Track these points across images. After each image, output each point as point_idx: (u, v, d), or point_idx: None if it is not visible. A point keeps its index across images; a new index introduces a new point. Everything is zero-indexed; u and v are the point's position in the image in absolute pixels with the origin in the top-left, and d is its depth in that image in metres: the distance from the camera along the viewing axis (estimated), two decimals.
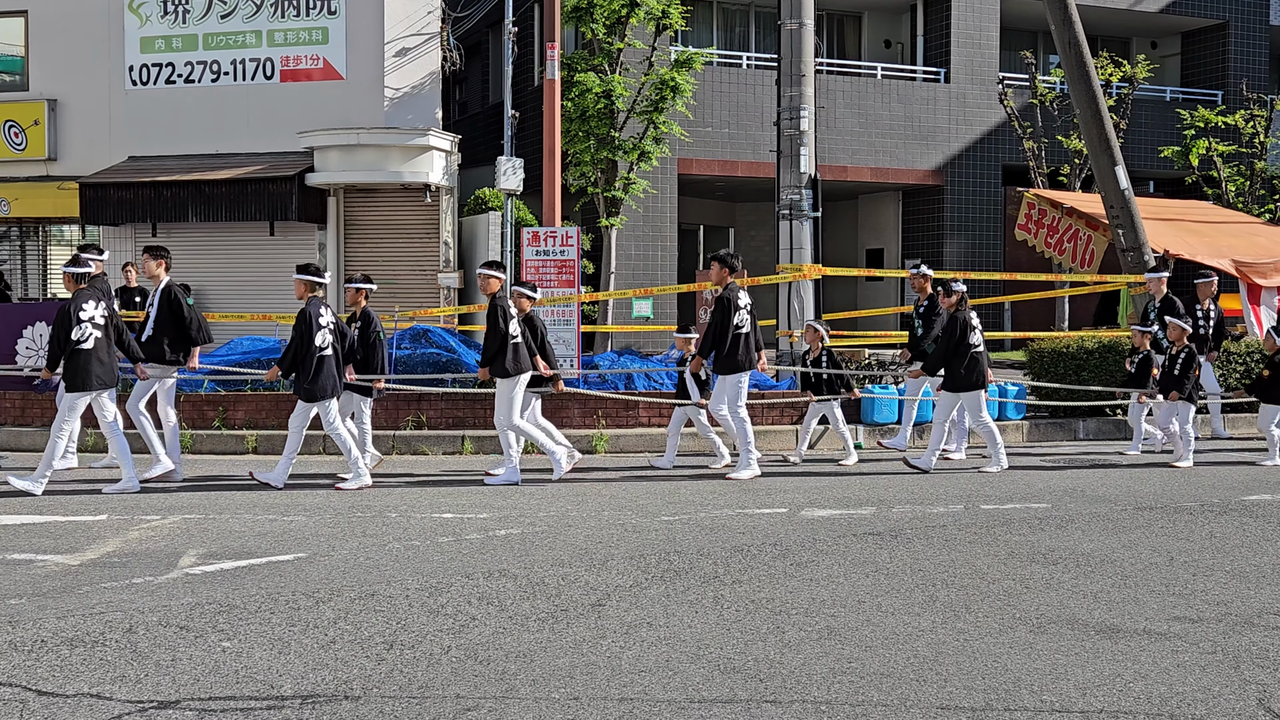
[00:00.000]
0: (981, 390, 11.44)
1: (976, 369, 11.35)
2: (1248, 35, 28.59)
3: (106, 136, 20.97)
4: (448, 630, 5.67)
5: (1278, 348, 12.44)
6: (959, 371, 11.36)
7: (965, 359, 11.32)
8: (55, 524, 8.49)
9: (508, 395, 10.52)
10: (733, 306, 10.85)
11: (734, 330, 10.82)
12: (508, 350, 10.45)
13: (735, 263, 11.15)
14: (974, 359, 11.34)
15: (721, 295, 10.96)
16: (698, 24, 25.51)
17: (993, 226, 26.30)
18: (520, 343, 10.57)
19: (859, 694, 4.81)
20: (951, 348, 11.39)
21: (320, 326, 10.27)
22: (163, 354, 10.77)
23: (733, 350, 10.84)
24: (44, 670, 5.05)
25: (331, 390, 10.28)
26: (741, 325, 10.85)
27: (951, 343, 11.39)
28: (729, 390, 10.92)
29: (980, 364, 11.38)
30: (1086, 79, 16.28)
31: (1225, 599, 6.37)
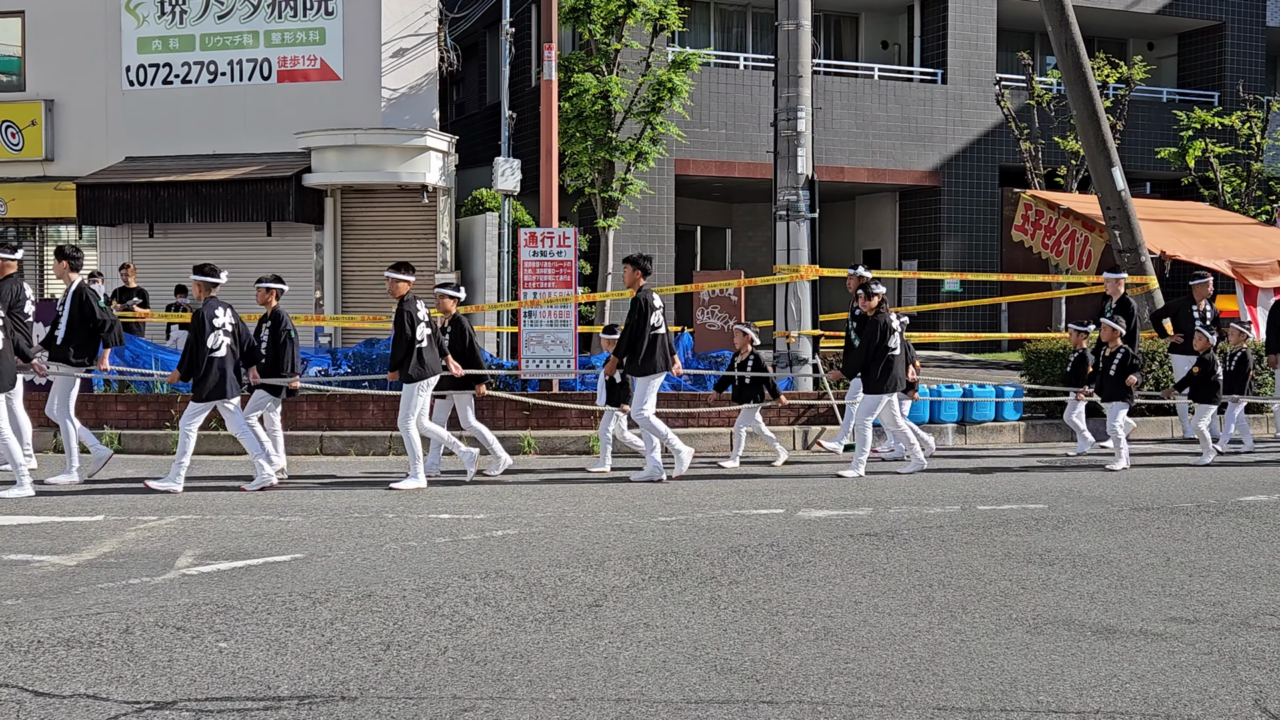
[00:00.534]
0: (891, 396, 11.26)
1: (891, 373, 11.20)
2: (1244, 37, 28.61)
3: (103, 137, 20.96)
4: (445, 631, 5.67)
5: (1208, 345, 12.32)
6: (875, 374, 11.21)
7: (882, 362, 11.18)
8: (52, 524, 8.49)
9: (409, 398, 10.41)
10: (648, 309, 10.77)
11: (650, 332, 10.72)
12: (413, 355, 10.36)
13: (647, 265, 11.07)
14: (890, 362, 11.19)
15: (636, 298, 10.84)
16: (695, 25, 25.52)
17: (989, 227, 26.32)
18: (426, 347, 10.45)
19: (856, 694, 4.81)
20: (873, 351, 11.24)
21: (214, 328, 10.17)
22: (68, 356, 10.75)
23: (649, 353, 10.74)
24: (40, 671, 5.04)
25: (224, 391, 10.16)
26: (658, 327, 10.77)
27: (872, 346, 11.25)
28: (644, 393, 10.80)
29: (895, 368, 11.22)
30: (1083, 80, 16.30)
31: (1221, 600, 6.37)
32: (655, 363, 10.79)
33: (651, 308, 10.81)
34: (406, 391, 10.46)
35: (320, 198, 20.16)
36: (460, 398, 11.20)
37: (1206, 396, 12.23)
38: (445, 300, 11.14)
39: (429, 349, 10.53)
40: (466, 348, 11.15)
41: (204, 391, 10.12)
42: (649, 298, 10.86)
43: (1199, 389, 12.29)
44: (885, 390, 11.23)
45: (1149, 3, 27.63)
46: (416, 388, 10.44)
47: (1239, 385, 12.79)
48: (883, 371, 11.20)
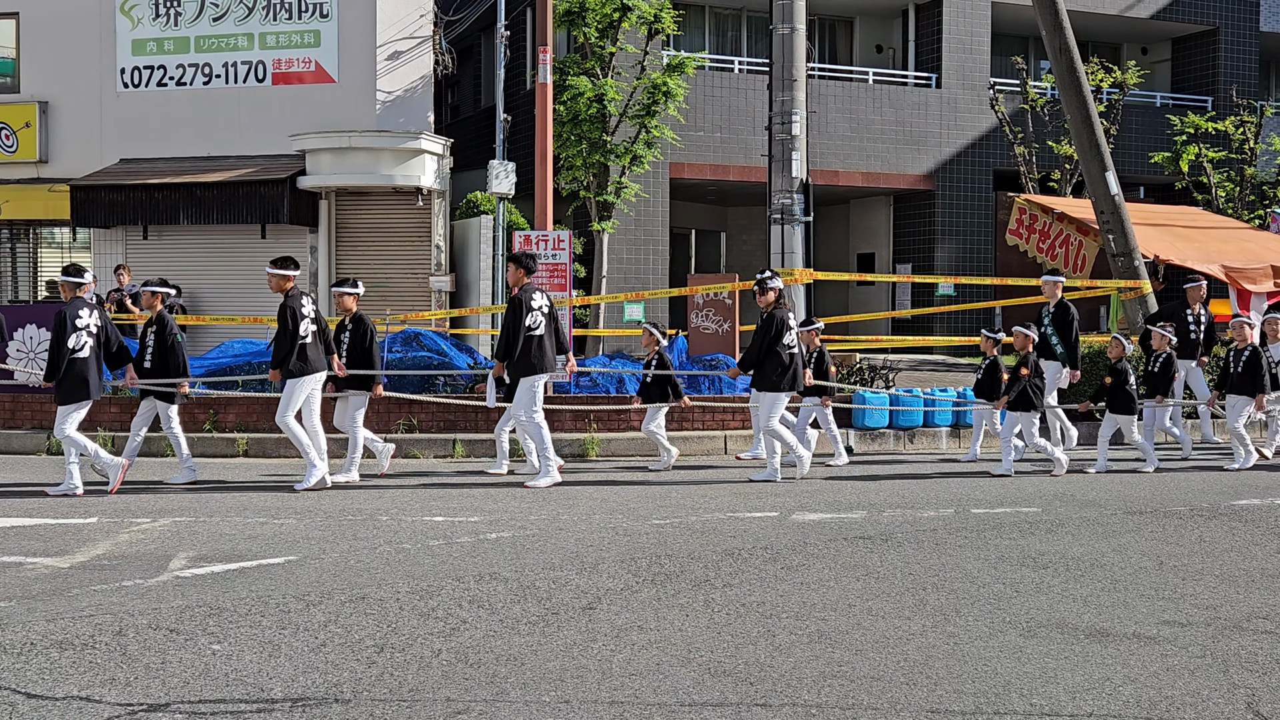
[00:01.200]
0: (786, 395, 10.99)
1: (788, 372, 10.93)
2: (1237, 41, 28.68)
3: (98, 139, 20.94)
4: (438, 633, 5.67)
5: (1123, 354, 12.02)
6: (770, 372, 10.92)
7: (778, 360, 10.90)
8: (45, 526, 8.47)
9: (289, 394, 10.29)
10: (524, 308, 10.55)
11: (526, 333, 10.53)
12: (295, 351, 10.25)
13: (531, 263, 10.81)
14: (786, 360, 10.91)
15: (513, 296, 10.62)
16: (690, 28, 25.54)
17: (984, 231, 26.34)
18: (310, 343, 10.33)
19: (849, 697, 4.82)
20: (765, 347, 10.93)
21: (76, 329, 10.09)
22: None
23: (525, 353, 10.55)
24: (33, 673, 5.04)
25: (84, 393, 10.09)
26: (535, 327, 10.56)
27: (765, 341, 10.93)
28: (523, 395, 10.63)
29: (793, 367, 10.95)
30: (1077, 85, 16.34)
31: (1214, 603, 6.39)
32: (532, 364, 10.52)
33: (529, 308, 10.53)
34: (288, 387, 10.31)
35: (315, 200, 20.15)
36: (356, 399, 10.98)
37: (1124, 408, 11.86)
38: (345, 299, 11.00)
39: (313, 345, 10.36)
40: (365, 347, 10.94)
41: (64, 394, 10.06)
42: (528, 297, 10.57)
43: (1115, 399, 11.90)
44: (781, 388, 10.93)
45: (1143, 7, 27.69)
46: (298, 384, 10.28)
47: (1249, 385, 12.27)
48: (779, 369, 10.91)
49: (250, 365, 13.90)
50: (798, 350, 11.05)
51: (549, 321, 10.73)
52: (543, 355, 10.60)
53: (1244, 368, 12.24)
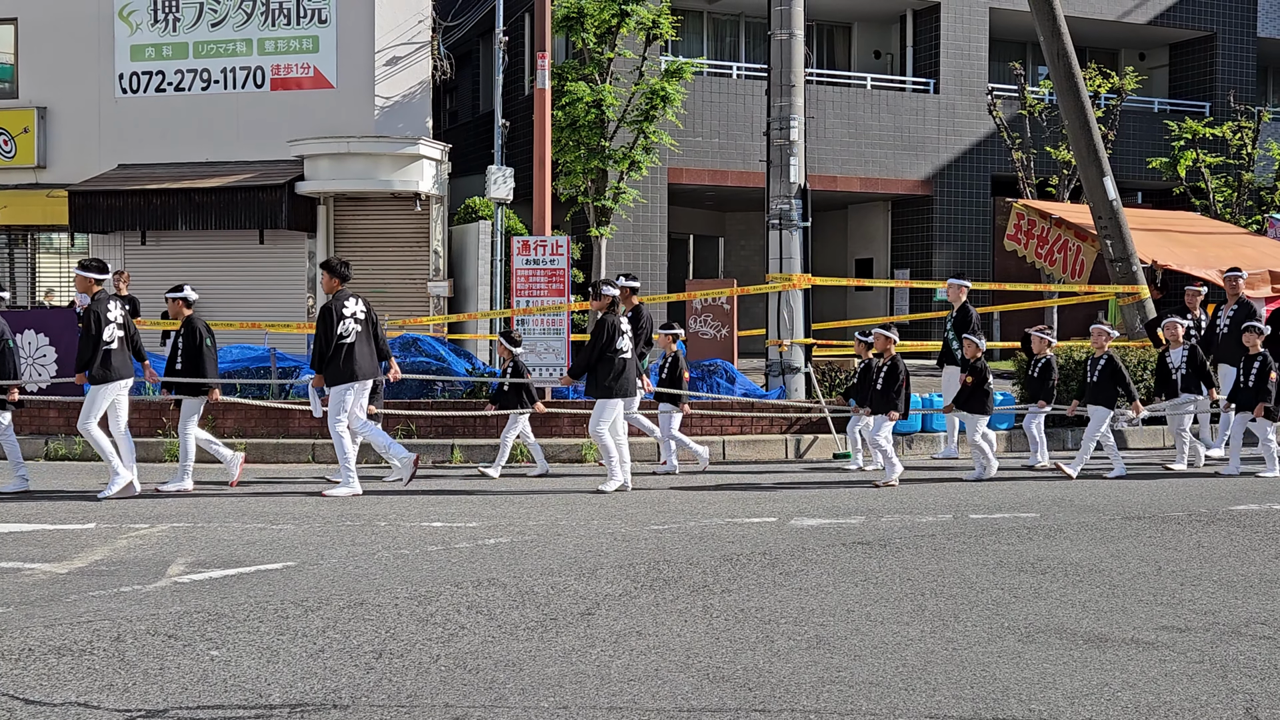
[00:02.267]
0: (621, 401, 10.77)
1: (621, 377, 10.68)
2: (1235, 47, 28.73)
3: (96, 144, 20.94)
4: (437, 639, 5.67)
5: (979, 353, 11.73)
6: (601, 378, 10.66)
7: (611, 365, 10.64)
8: (43, 532, 8.47)
9: (91, 400, 10.17)
10: (336, 316, 10.32)
11: (337, 340, 10.29)
12: (99, 356, 10.13)
13: (345, 270, 10.59)
14: (618, 366, 10.65)
15: (325, 305, 10.42)
16: (688, 34, 25.57)
17: (981, 236, 26.38)
18: (116, 349, 10.21)
19: (848, 703, 4.82)
20: (598, 353, 10.66)
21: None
22: None
23: (334, 361, 10.33)
24: (31, 679, 5.03)
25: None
26: (346, 335, 10.32)
27: (598, 347, 10.67)
28: (333, 402, 10.43)
29: (626, 372, 10.71)
30: (1075, 90, 16.35)
31: (1213, 608, 6.39)
32: (340, 371, 10.31)
33: (341, 315, 10.34)
34: (90, 394, 10.20)
35: (313, 205, 20.16)
36: (186, 404, 10.81)
37: (978, 408, 11.54)
38: (176, 304, 10.86)
39: (119, 351, 10.25)
40: (195, 352, 10.73)
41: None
42: (339, 305, 10.37)
43: (971, 400, 11.59)
44: (614, 395, 10.66)
45: (1140, 13, 27.73)
46: (101, 390, 10.18)
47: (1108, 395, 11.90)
48: (611, 375, 10.63)
49: (249, 371, 13.89)
50: (630, 356, 10.79)
51: (366, 327, 10.49)
52: (353, 363, 10.35)
53: (1099, 377, 11.90)
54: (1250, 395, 11.95)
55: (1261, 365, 11.98)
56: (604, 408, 10.71)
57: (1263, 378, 11.91)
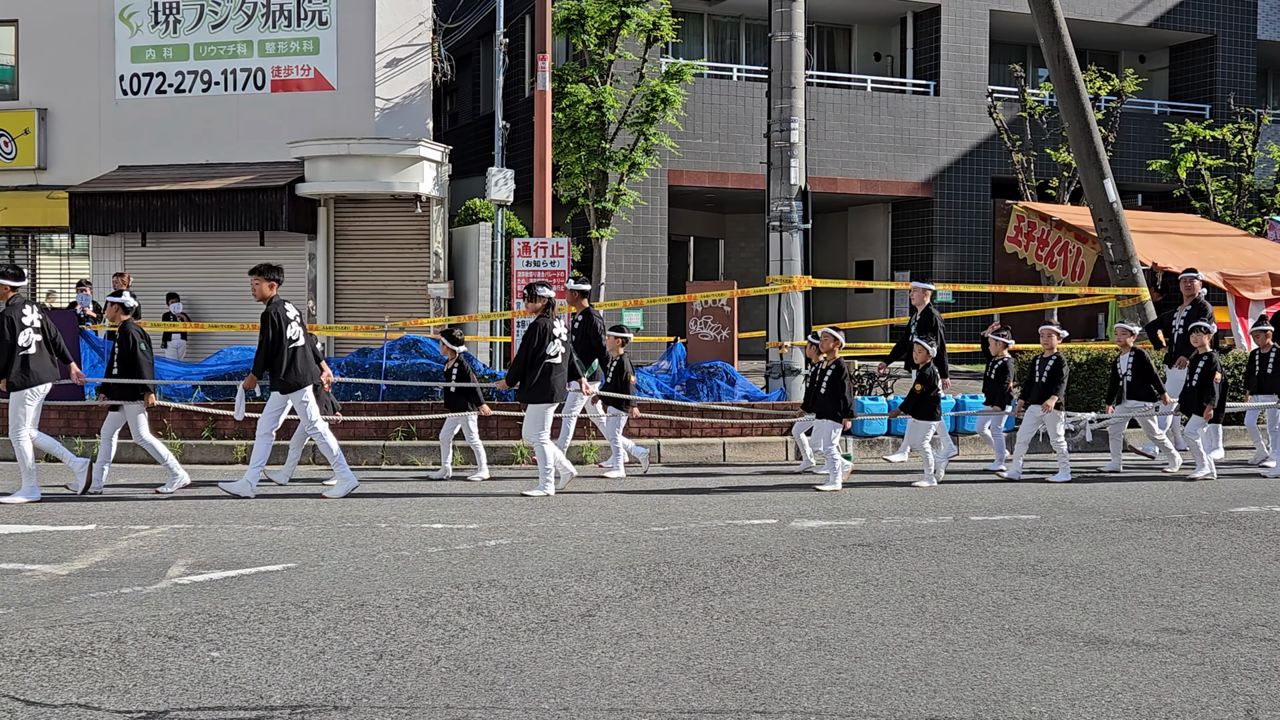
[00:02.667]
0: (551, 406, 10.58)
1: (549, 381, 10.51)
2: (1235, 49, 28.74)
3: (96, 146, 20.95)
4: (437, 640, 5.67)
5: (929, 359, 11.58)
6: (532, 382, 10.51)
7: (539, 369, 10.49)
8: (43, 533, 8.46)
9: (14, 408, 10.07)
10: (282, 322, 10.21)
11: (289, 345, 10.20)
12: (16, 362, 10.02)
13: (278, 275, 10.40)
14: (548, 370, 10.49)
15: (267, 311, 10.25)
16: (688, 36, 25.58)
17: (982, 239, 26.38)
18: (34, 354, 10.09)
19: (848, 704, 4.82)
20: (529, 357, 10.55)
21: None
22: None
23: (291, 367, 10.21)
24: (32, 680, 5.03)
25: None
26: (295, 340, 10.24)
27: (530, 351, 10.55)
28: (272, 408, 10.34)
29: (554, 377, 10.53)
30: (1075, 93, 16.37)
31: (1213, 610, 6.39)
32: (299, 376, 10.25)
33: (286, 320, 10.23)
34: (13, 401, 10.12)
35: (313, 207, 20.17)
36: (129, 409, 10.69)
37: (926, 414, 11.40)
38: (114, 309, 10.77)
39: (37, 356, 10.12)
40: (129, 356, 10.61)
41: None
42: (280, 310, 10.26)
43: (919, 406, 11.46)
44: (544, 399, 10.50)
45: (1141, 16, 27.75)
46: (22, 396, 10.07)
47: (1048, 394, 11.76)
48: (540, 379, 10.48)
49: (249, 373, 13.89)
50: (561, 360, 10.62)
51: (305, 333, 10.43)
52: (308, 366, 10.33)
53: (1048, 376, 11.76)
54: (1194, 396, 11.97)
55: (1206, 365, 11.93)
56: (535, 413, 10.56)
57: (1207, 378, 11.89)
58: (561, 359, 10.65)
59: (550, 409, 10.63)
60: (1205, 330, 12.15)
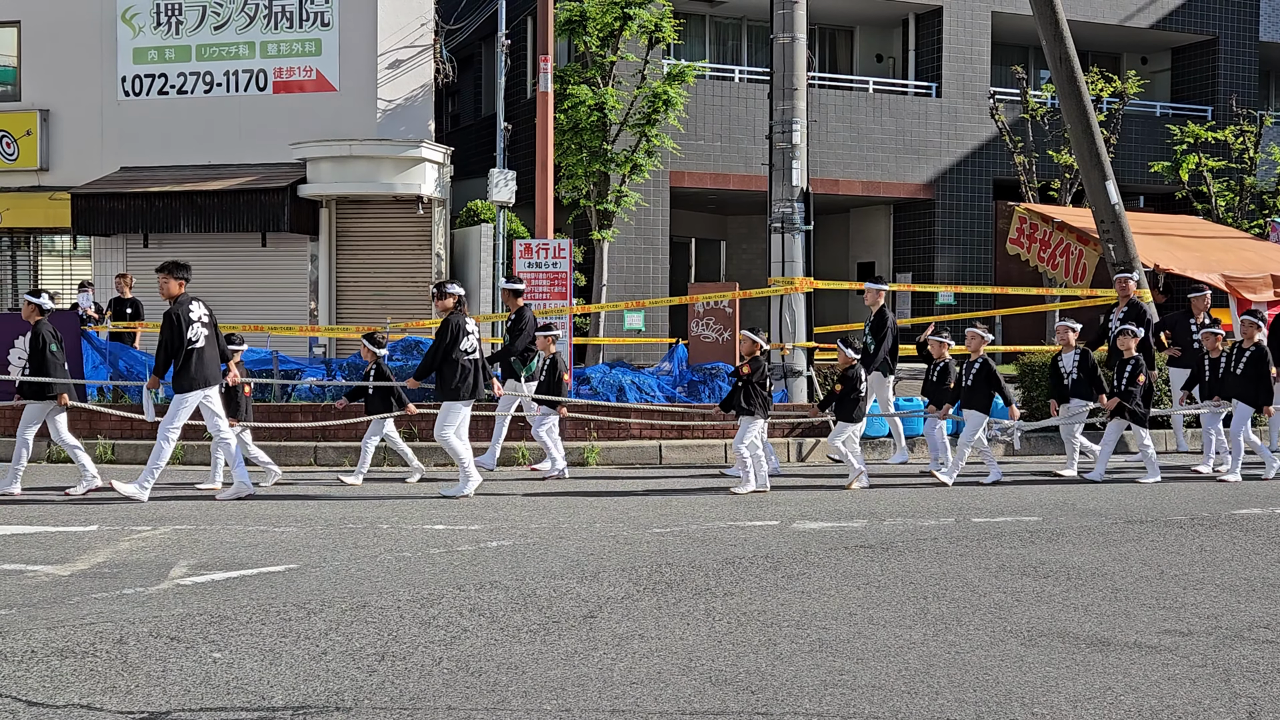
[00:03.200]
0: (466, 404, 10.53)
1: (466, 380, 10.46)
2: (1237, 51, 28.73)
3: (98, 147, 20.96)
4: (439, 642, 5.67)
5: (850, 361, 11.50)
6: (448, 380, 10.45)
7: (455, 367, 10.43)
8: (46, 534, 8.47)
9: None
10: (184, 322, 10.12)
11: (188, 346, 10.09)
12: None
13: (185, 273, 10.36)
14: (464, 368, 10.44)
15: (169, 310, 10.17)
16: (690, 38, 25.58)
17: (983, 240, 26.37)
18: None
19: (850, 706, 4.82)
20: (442, 354, 10.47)
21: None
22: None
23: (185, 368, 10.09)
24: (34, 681, 5.03)
25: None
26: (196, 340, 10.12)
27: (442, 348, 10.47)
28: (172, 410, 10.21)
29: (471, 374, 10.48)
30: (1077, 94, 16.36)
31: (1215, 612, 6.38)
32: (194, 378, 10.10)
33: (188, 320, 10.13)
34: None
35: (315, 208, 20.18)
36: (30, 409, 10.66)
37: (846, 415, 11.30)
38: (30, 308, 10.78)
39: None
40: (38, 352, 10.59)
41: None
42: (183, 310, 10.17)
43: (840, 407, 11.36)
44: (460, 397, 10.43)
45: (1143, 17, 27.74)
46: None
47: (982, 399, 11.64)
48: (457, 377, 10.42)
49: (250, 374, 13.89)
50: (478, 356, 10.58)
51: (211, 331, 10.36)
52: (203, 368, 10.19)
53: (973, 380, 11.63)
54: (1121, 399, 11.88)
55: (1133, 368, 11.84)
56: (449, 411, 10.47)
57: (1132, 381, 11.80)
58: (479, 355, 10.56)
59: (465, 407, 10.53)
60: (1132, 334, 12.03)
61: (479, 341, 10.70)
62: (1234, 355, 12.31)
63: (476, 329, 10.80)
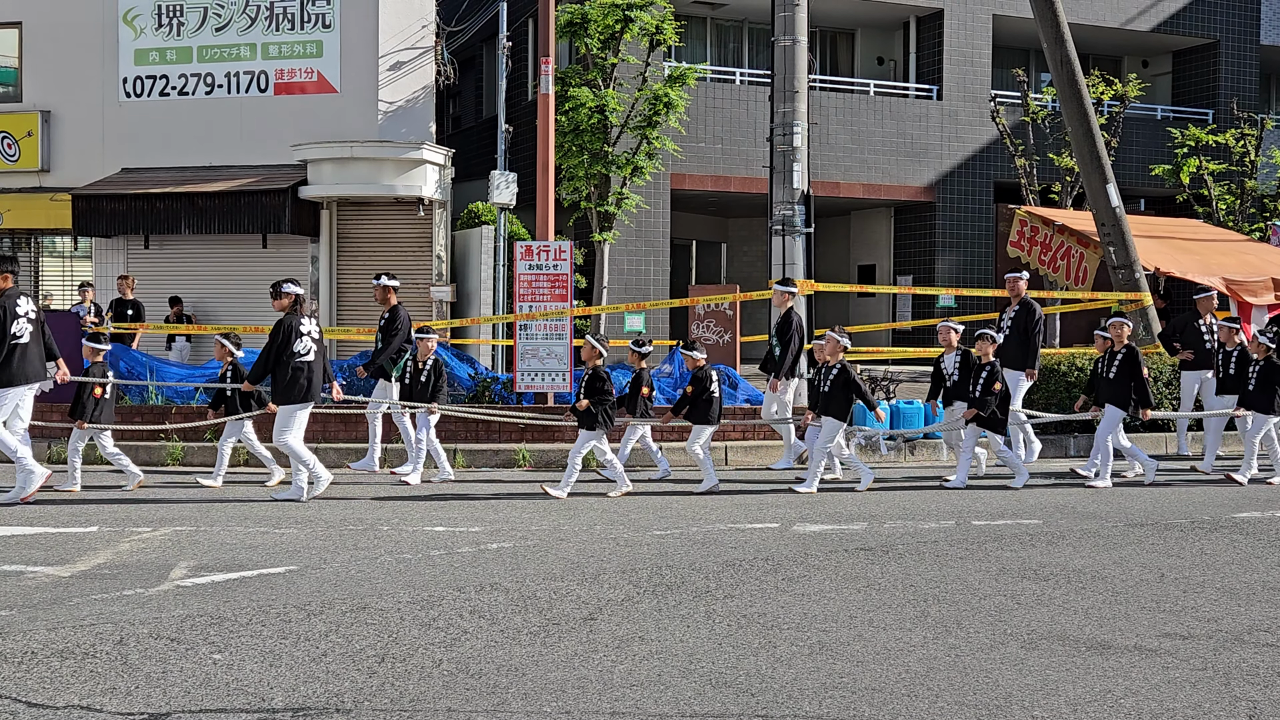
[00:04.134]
0: (301, 406, 10.24)
1: (297, 383, 10.20)
2: (1238, 54, 28.73)
3: (100, 148, 20.96)
4: (439, 643, 5.67)
5: (699, 364, 11.35)
6: (281, 383, 10.20)
7: (289, 370, 10.17)
8: (46, 535, 8.47)
9: None
10: (8, 316, 9.94)
11: (11, 341, 9.89)
12: None
13: (12, 267, 10.15)
14: (296, 370, 10.18)
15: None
16: (691, 40, 25.58)
17: (984, 243, 26.37)
18: None
19: (850, 709, 4.81)
20: (274, 357, 10.19)
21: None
22: None
23: (7, 363, 9.94)
24: (34, 682, 5.03)
25: None
26: (20, 336, 9.94)
27: (274, 351, 10.18)
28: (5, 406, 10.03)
29: (305, 376, 10.20)
30: (1078, 97, 16.36)
31: (1216, 616, 6.38)
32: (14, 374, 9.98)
33: (13, 315, 9.96)
34: None
35: (316, 210, 20.17)
36: None
37: (697, 417, 11.17)
38: None
39: None
40: None
41: None
42: (9, 304, 9.99)
43: (692, 410, 11.19)
44: (293, 400, 10.19)
45: (1144, 20, 27.75)
46: None
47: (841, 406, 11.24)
48: (289, 379, 10.17)
49: None
50: (312, 359, 10.30)
51: (38, 329, 10.17)
52: (26, 364, 10.01)
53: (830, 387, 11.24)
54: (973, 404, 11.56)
55: (989, 374, 11.50)
56: (285, 415, 10.27)
57: (988, 388, 11.46)
58: (314, 356, 10.31)
59: (302, 410, 10.31)
60: (990, 339, 11.64)
61: (315, 343, 10.39)
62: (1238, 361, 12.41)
63: (316, 328, 10.50)
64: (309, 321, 10.44)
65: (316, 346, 10.42)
